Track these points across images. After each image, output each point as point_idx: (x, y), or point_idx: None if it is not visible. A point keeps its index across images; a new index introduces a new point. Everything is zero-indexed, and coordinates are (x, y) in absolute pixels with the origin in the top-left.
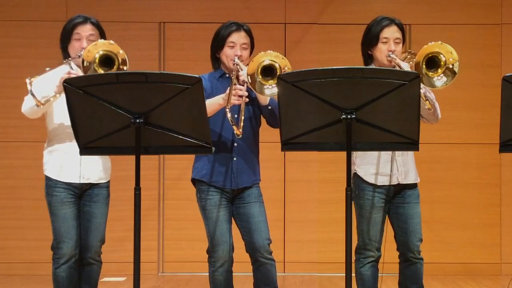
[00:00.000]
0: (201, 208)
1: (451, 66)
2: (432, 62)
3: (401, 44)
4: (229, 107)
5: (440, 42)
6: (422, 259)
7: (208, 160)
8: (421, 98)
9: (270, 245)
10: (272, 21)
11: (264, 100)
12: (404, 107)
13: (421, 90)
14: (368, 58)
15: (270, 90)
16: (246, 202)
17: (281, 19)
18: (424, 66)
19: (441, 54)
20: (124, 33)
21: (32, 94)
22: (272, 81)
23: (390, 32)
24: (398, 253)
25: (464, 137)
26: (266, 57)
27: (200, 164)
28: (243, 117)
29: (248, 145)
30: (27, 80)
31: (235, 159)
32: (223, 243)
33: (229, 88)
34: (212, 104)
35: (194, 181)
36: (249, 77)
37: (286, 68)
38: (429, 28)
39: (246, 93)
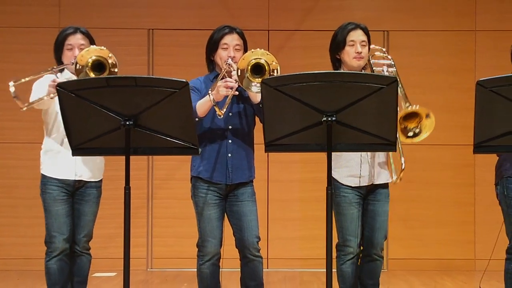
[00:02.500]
0: (195, 204)
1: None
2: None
3: (367, 47)
4: (211, 92)
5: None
6: (382, 257)
7: (204, 158)
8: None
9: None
10: (256, 28)
11: (255, 98)
12: (382, 110)
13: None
14: (337, 62)
15: (257, 88)
16: (240, 201)
17: (264, 26)
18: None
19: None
20: (114, 39)
21: (15, 97)
22: (259, 79)
23: (356, 35)
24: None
25: (439, 139)
26: (256, 56)
27: (197, 162)
28: (228, 102)
29: (242, 143)
30: (10, 84)
31: (230, 155)
32: (213, 239)
33: (216, 80)
34: (205, 102)
35: (191, 178)
36: (239, 71)
37: (274, 63)
38: (406, 34)
39: (236, 85)
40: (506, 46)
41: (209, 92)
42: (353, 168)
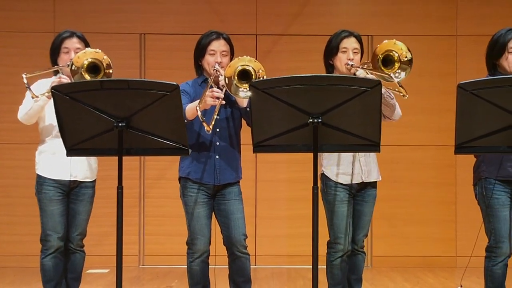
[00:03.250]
0: (184, 203)
1: (405, 59)
2: (387, 61)
3: (359, 54)
4: (200, 106)
5: (394, 41)
6: (364, 252)
7: (192, 160)
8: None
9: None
10: (244, 33)
11: (242, 103)
12: (367, 112)
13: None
14: (329, 67)
15: (244, 93)
16: (227, 199)
17: (252, 31)
18: (381, 65)
19: (394, 51)
20: (107, 44)
21: (28, 87)
22: (246, 85)
23: (349, 43)
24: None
25: (422, 140)
26: (243, 62)
27: (186, 163)
28: (215, 116)
29: (229, 145)
30: (23, 75)
31: (217, 157)
32: (202, 236)
33: (204, 90)
34: (192, 107)
35: (180, 179)
36: (226, 79)
37: (260, 70)
38: (390, 39)
39: (222, 95)
40: (486, 50)
41: (197, 107)
42: (346, 166)
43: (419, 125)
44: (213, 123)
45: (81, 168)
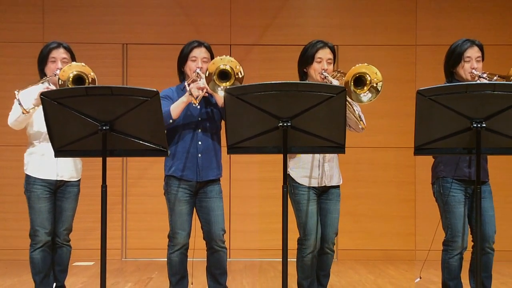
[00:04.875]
0: (167, 200)
1: (375, 85)
2: (359, 81)
3: (332, 64)
4: (188, 96)
5: (366, 63)
6: (333, 251)
7: (177, 158)
8: (348, 110)
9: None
10: (219, 43)
11: (221, 101)
12: (333, 116)
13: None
14: (303, 74)
15: (222, 91)
16: (209, 197)
17: (227, 41)
18: (352, 84)
19: (367, 74)
20: (92, 53)
21: (19, 103)
22: (225, 83)
23: (324, 53)
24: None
25: (384, 142)
26: (224, 62)
27: (170, 162)
28: (199, 99)
29: (211, 144)
30: (16, 92)
31: (200, 155)
32: (183, 231)
33: (186, 84)
34: (178, 105)
35: (164, 177)
36: (207, 73)
37: (237, 67)
38: (354, 49)
39: (206, 87)
40: (444, 59)
41: (187, 87)
42: (308, 170)
43: (381, 128)
44: (199, 100)
45: (67, 169)
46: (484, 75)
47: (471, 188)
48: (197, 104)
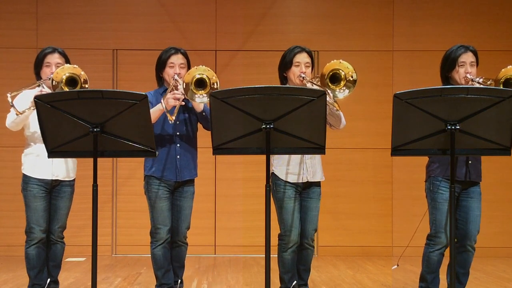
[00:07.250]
0: (148, 198)
1: (351, 78)
2: (334, 78)
3: (310, 68)
4: (164, 104)
5: (338, 60)
6: (313, 246)
7: (156, 160)
8: (329, 103)
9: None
10: (205, 48)
11: (198, 107)
12: (313, 119)
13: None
14: (284, 79)
15: (200, 99)
16: (183, 197)
17: (212, 47)
18: (328, 81)
19: (340, 69)
20: (83, 58)
21: (12, 105)
22: (201, 91)
23: (301, 58)
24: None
25: (362, 143)
26: (199, 72)
27: (150, 163)
28: (177, 110)
29: (188, 146)
30: (8, 95)
31: (178, 157)
32: (164, 226)
33: (164, 94)
34: (155, 111)
35: (144, 177)
36: (184, 84)
37: (213, 77)
38: (334, 54)
39: (182, 97)
40: (419, 64)
41: (162, 101)
42: (294, 166)
43: (359, 130)
44: (174, 116)
45: (62, 169)
46: (479, 80)
47: (459, 188)
48: (172, 122)
